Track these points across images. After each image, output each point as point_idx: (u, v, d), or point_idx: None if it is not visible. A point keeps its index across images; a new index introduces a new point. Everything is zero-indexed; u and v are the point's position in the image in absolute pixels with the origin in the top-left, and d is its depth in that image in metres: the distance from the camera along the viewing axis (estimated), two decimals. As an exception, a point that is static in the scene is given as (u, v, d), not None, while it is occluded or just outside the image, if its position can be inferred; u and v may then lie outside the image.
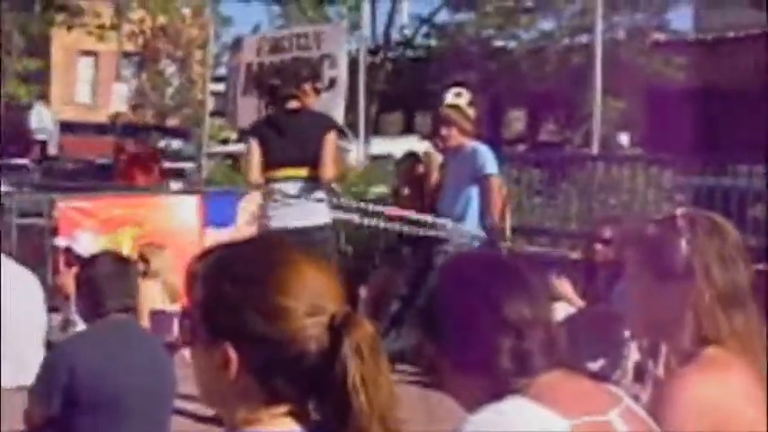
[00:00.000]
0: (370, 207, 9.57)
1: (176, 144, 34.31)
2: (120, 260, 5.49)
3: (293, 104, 8.18)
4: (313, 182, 8.05)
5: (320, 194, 8.16)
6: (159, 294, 9.34)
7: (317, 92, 8.60)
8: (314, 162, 7.97)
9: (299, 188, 8.07)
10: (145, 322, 8.58)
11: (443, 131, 9.58)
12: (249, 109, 13.14)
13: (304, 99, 8.26)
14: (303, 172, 8.03)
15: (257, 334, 1.93)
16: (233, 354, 1.94)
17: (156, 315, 9.10)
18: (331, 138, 8.03)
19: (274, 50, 14.39)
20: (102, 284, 5.07)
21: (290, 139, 8.02)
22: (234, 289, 1.96)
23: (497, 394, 2.35)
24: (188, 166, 26.09)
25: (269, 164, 8.13)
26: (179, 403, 5.69)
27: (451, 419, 2.56)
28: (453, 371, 2.47)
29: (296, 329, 1.93)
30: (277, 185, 8.19)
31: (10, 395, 6.94)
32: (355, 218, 9.26)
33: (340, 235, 11.05)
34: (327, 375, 1.92)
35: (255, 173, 8.20)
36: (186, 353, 8.80)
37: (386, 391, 1.96)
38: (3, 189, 30.17)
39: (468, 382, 2.44)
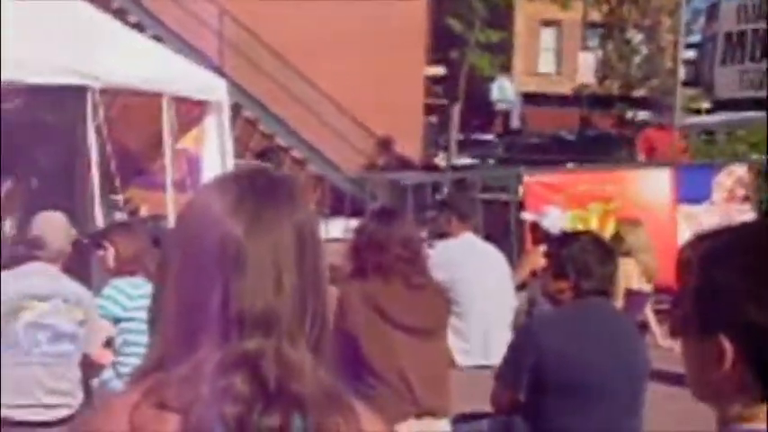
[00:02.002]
0: None
1: (644, 115, 34.16)
2: (601, 243, 5.45)
3: None
4: None
5: None
6: (635, 273, 9.31)
7: None
8: None
9: None
10: (619, 301, 8.58)
11: None
12: (729, 79, 12.82)
13: None
14: None
15: (755, 325, 1.86)
16: (728, 346, 1.89)
17: (631, 294, 9.09)
18: None
19: (759, 17, 13.94)
20: (580, 266, 5.06)
21: None
22: (730, 278, 1.90)
23: None
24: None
25: None
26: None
27: None
28: None
29: (795, 321, 1.86)
30: None
31: (475, 374, 7.19)
32: None
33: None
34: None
35: None
36: (658, 333, 8.80)
37: None
38: (467, 163, 31.35)
39: None
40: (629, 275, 9.16)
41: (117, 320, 6.38)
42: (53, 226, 6.22)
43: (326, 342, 1.79)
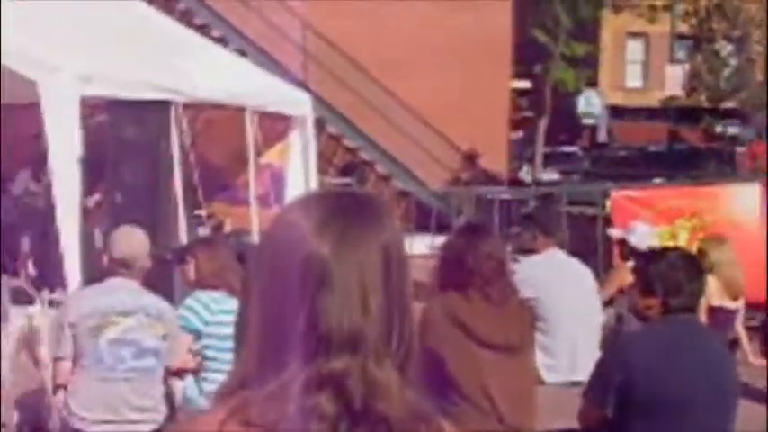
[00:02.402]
0: None
1: (734, 129, 33.76)
2: (690, 259, 5.39)
3: None
4: None
5: None
6: (717, 290, 9.18)
7: None
8: None
9: None
10: (702, 317, 8.47)
11: None
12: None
13: None
14: None
15: None
16: (823, 366, 1.86)
17: (715, 311, 8.96)
18: None
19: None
20: (669, 283, 5.00)
21: None
22: None
23: None
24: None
25: None
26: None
27: None
28: None
29: None
30: None
31: (562, 391, 7.14)
32: None
33: None
34: None
35: None
36: (749, 350, 8.67)
37: None
38: (553, 177, 31.18)
39: None
40: (710, 292, 9.03)
41: (198, 334, 6.41)
42: (134, 242, 6.27)
43: (413, 361, 1.79)
